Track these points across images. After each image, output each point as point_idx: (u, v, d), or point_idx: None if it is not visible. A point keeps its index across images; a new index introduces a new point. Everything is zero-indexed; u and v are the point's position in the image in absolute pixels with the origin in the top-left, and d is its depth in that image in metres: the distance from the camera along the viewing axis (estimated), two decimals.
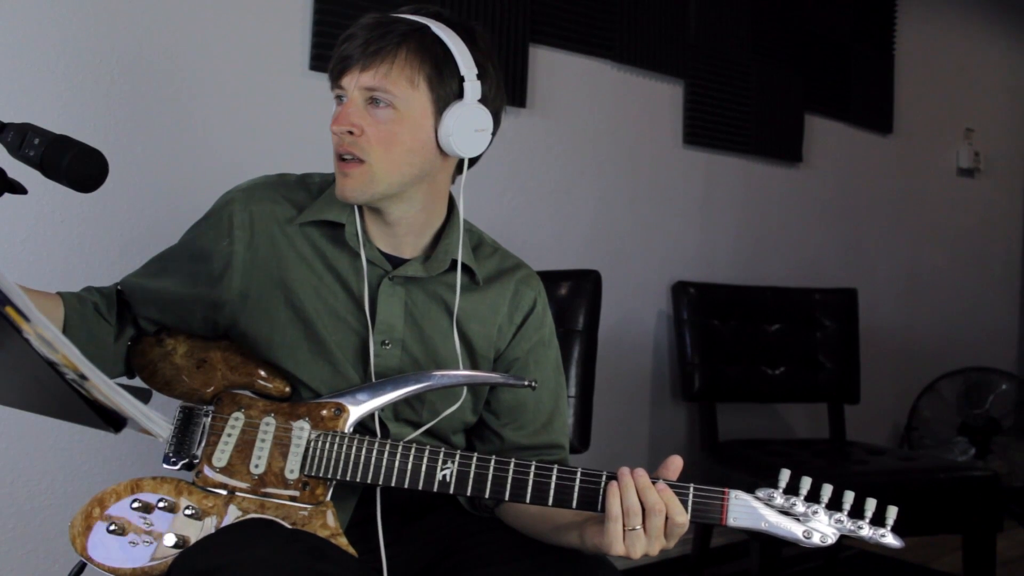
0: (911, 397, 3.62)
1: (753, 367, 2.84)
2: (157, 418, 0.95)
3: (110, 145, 1.65)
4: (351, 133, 1.16)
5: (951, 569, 2.81)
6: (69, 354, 0.78)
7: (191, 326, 1.28)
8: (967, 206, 3.96)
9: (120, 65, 1.81)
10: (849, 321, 2.96)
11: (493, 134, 1.23)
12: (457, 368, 1.26)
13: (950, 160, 3.91)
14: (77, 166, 0.99)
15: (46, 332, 0.77)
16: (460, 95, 1.17)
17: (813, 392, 2.93)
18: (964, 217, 3.94)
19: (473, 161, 1.24)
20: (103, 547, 1.13)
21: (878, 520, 1.08)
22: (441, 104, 1.17)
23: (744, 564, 2.67)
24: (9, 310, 0.74)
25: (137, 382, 1.30)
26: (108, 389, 0.82)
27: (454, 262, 1.26)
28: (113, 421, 0.89)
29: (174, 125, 1.89)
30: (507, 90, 2.36)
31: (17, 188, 1.03)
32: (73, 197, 1.19)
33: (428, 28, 1.16)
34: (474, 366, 1.30)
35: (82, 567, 1.22)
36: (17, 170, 1.02)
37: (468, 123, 1.18)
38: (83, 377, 0.81)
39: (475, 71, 1.17)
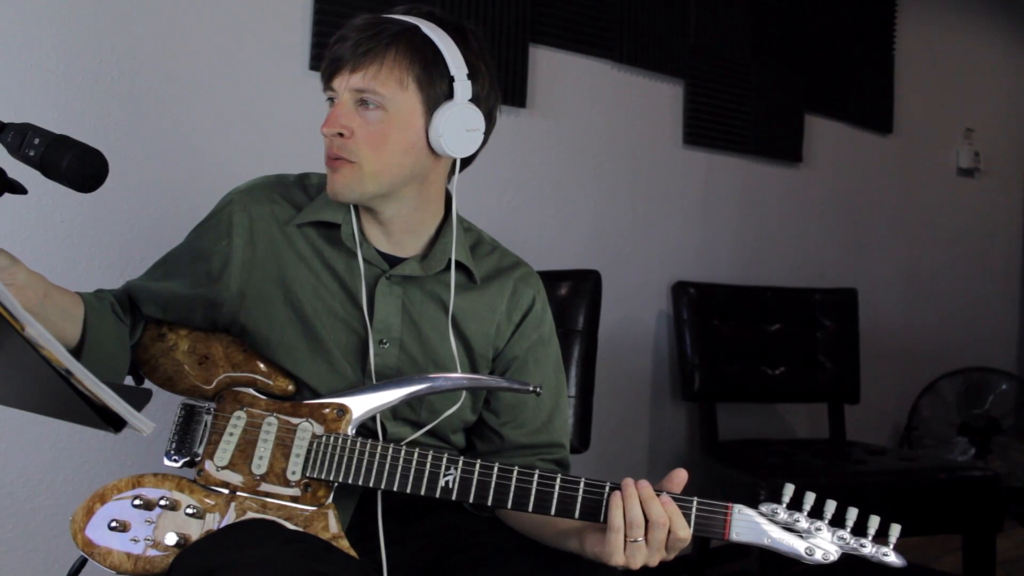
0: (911, 397, 3.61)
1: (753, 367, 2.84)
2: (139, 415, 0.95)
3: (110, 145, 1.64)
4: (341, 135, 1.16)
5: (951, 569, 2.81)
6: (53, 350, 0.79)
7: (193, 324, 1.28)
8: (967, 206, 3.96)
9: (120, 65, 1.81)
10: (849, 321, 2.96)
11: (487, 133, 1.23)
12: (454, 367, 1.27)
13: (950, 160, 3.90)
14: (77, 166, 0.99)
15: (31, 329, 0.77)
16: (450, 95, 1.17)
17: (813, 392, 2.93)
18: (964, 217, 3.94)
19: (467, 161, 1.24)
20: (104, 542, 1.14)
21: (881, 537, 1.08)
22: (431, 105, 1.17)
23: (744, 564, 2.67)
24: None
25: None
26: (92, 385, 0.83)
27: (451, 261, 1.26)
28: (113, 421, 0.89)
29: (174, 125, 1.89)
30: (507, 90, 2.37)
31: (17, 188, 1.03)
32: (73, 197, 1.19)
33: (418, 29, 1.16)
34: (472, 365, 1.30)
35: (83, 563, 1.22)
36: (17, 170, 1.02)
37: (458, 123, 1.18)
38: (68, 372, 0.81)
39: (465, 71, 1.17)
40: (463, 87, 1.17)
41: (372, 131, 1.16)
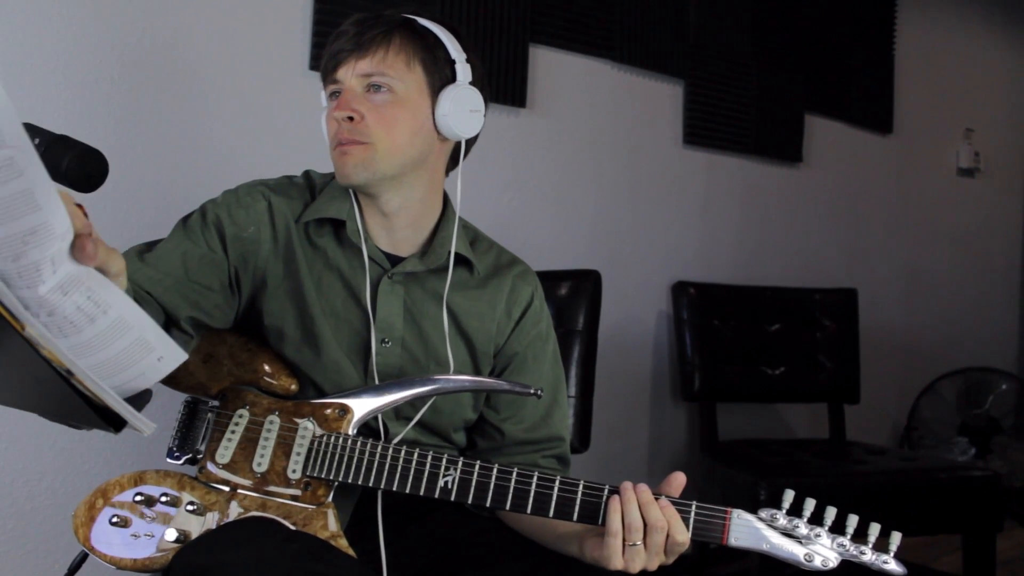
0: (911, 397, 3.61)
1: (753, 367, 2.84)
2: (140, 414, 0.94)
3: (110, 145, 1.65)
4: (351, 119, 1.17)
5: (951, 569, 2.81)
6: (53, 349, 0.79)
7: (211, 288, 1.23)
8: (967, 206, 3.95)
9: (120, 65, 1.81)
10: (849, 321, 2.96)
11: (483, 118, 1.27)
12: (449, 364, 1.27)
13: (950, 160, 3.90)
14: (77, 166, 0.98)
15: (31, 329, 0.77)
16: (453, 78, 1.22)
17: (813, 392, 2.93)
18: (964, 217, 3.94)
19: (468, 150, 1.28)
20: (105, 538, 1.14)
21: (881, 544, 1.07)
22: (436, 87, 1.22)
23: (744, 564, 2.67)
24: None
25: None
26: (92, 385, 0.83)
27: (452, 248, 1.27)
28: (113, 421, 0.89)
29: (174, 125, 1.89)
30: (507, 90, 2.37)
31: None
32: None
33: (415, 20, 1.23)
34: (474, 363, 1.31)
35: (83, 558, 1.23)
36: None
37: (463, 103, 1.22)
38: (68, 373, 0.81)
39: (464, 56, 1.23)
40: (464, 69, 1.22)
41: (383, 113, 1.18)
